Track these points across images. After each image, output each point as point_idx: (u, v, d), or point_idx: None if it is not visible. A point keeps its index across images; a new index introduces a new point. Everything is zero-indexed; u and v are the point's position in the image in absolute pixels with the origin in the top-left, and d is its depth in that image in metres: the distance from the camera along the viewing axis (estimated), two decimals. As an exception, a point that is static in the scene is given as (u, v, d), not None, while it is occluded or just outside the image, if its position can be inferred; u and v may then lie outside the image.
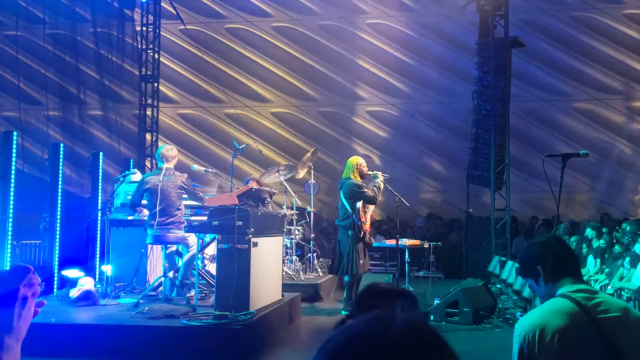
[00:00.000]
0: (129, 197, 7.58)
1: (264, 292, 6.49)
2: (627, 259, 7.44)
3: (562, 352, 2.11)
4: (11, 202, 6.70)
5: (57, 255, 7.52)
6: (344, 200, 7.75)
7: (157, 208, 6.63)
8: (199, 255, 7.14)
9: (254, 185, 7.97)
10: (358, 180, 7.78)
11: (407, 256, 8.66)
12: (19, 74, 15.45)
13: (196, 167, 8.56)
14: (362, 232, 7.60)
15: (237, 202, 6.47)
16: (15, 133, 6.91)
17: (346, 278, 7.76)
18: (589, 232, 9.16)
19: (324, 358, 0.87)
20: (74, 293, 6.64)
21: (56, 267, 7.51)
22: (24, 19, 15.79)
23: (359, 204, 7.63)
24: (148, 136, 14.94)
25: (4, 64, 16.66)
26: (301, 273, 9.63)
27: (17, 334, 1.40)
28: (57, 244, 7.52)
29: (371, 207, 7.97)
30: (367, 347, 0.85)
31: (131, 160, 10.23)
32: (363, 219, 7.64)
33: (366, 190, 7.66)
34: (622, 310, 2.24)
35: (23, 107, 15.33)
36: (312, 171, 10.40)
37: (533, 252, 2.44)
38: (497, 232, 12.25)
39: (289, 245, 9.68)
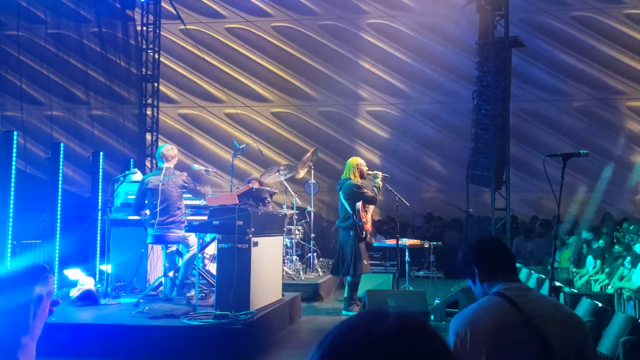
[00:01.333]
0: (130, 197, 7.59)
1: (264, 291, 6.49)
2: (628, 258, 7.44)
3: (495, 348, 2.14)
4: (11, 202, 6.70)
5: (57, 255, 7.52)
6: (343, 200, 7.74)
7: (158, 208, 6.63)
8: (199, 255, 7.14)
9: (255, 185, 7.97)
10: (358, 180, 7.77)
11: (407, 256, 8.67)
12: (21, 75, 15.45)
13: (196, 166, 8.56)
14: (364, 233, 7.59)
15: (238, 202, 6.47)
16: (15, 133, 6.91)
17: (348, 278, 7.75)
18: (585, 234, 9.16)
19: (325, 347, 0.93)
20: (74, 292, 6.64)
21: (56, 266, 7.51)
22: (24, 19, 15.78)
23: (359, 204, 7.62)
24: (148, 136, 14.94)
25: (5, 64, 16.65)
26: (301, 273, 9.63)
27: (32, 333, 1.39)
28: (57, 243, 7.52)
29: (371, 207, 7.96)
30: (363, 336, 0.92)
31: (131, 160, 10.23)
32: (364, 219, 7.63)
33: (366, 190, 7.65)
34: (553, 307, 2.30)
35: (24, 108, 15.33)
36: (312, 171, 10.40)
37: (470, 253, 2.51)
38: (497, 232, 12.24)
39: (289, 245, 9.69)
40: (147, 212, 6.99)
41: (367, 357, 0.90)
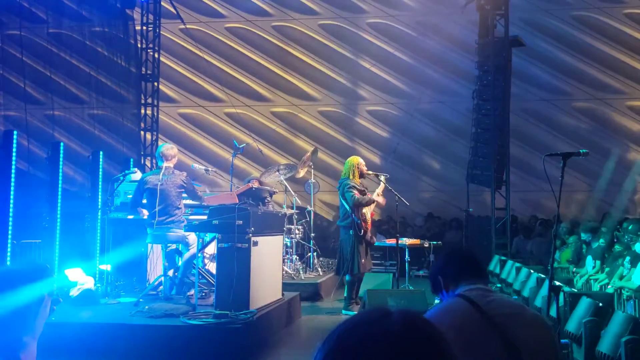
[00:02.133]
0: (129, 196, 7.58)
1: (264, 291, 6.49)
2: (628, 258, 7.43)
3: (458, 348, 2.15)
4: (11, 201, 6.69)
5: (57, 255, 7.52)
6: (341, 199, 7.73)
7: (157, 207, 6.63)
8: (199, 255, 7.13)
9: (255, 184, 7.96)
10: (357, 180, 7.74)
11: (407, 255, 8.67)
12: (24, 75, 15.44)
13: (196, 166, 8.56)
14: (363, 231, 7.56)
15: (237, 201, 6.47)
16: (15, 132, 6.90)
17: (347, 277, 7.74)
18: (583, 236, 9.16)
19: (331, 344, 0.95)
20: (74, 292, 6.64)
21: (56, 266, 7.51)
22: (25, 19, 15.77)
23: None
24: (148, 135, 14.93)
25: (5, 64, 16.65)
26: (301, 272, 9.63)
27: (33, 333, 1.40)
28: (57, 243, 7.52)
29: (371, 206, 7.93)
30: (368, 333, 0.94)
31: (131, 160, 10.22)
32: (363, 217, 7.60)
33: (355, 192, 7.54)
34: (517, 308, 2.31)
35: (24, 107, 15.33)
36: (312, 170, 10.40)
37: (435, 266, 2.59)
38: (497, 232, 12.25)
39: (289, 244, 9.69)
40: (144, 211, 6.99)
41: (373, 354, 0.91)
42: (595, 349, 4.60)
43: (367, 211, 7.78)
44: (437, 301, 7.74)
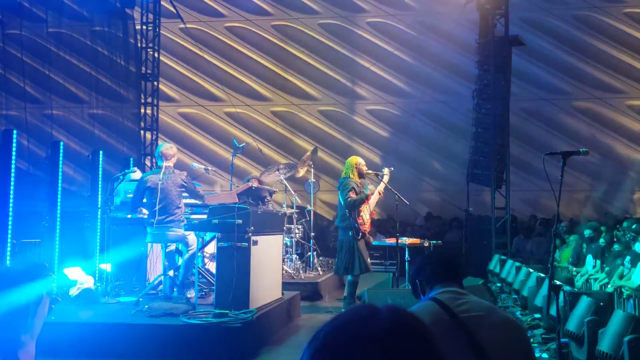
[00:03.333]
0: (129, 196, 7.57)
1: (263, 290, 6.49)
2: (628, 257, 7.43)
3: None
4: (11, 201, 6.69)
5: (57, 254, 7.52)
6: (340, 199, 7.69)
7: (157, 206, 6.62)
8: (199, 254, 7.13)
9: (254, 184, 7.95)
10: (356, 180, 7.69)
11: (407, 255, 8.65)
12: (24, 74, 15.44)
13: (196, 165, 8.55)
14: (360, 234, 7.50)
15: (237, 201, 6.46)
16: (15, 131, 6.90)
17: (349, 277, 7.72)
18: (586, 233, 9.15)
19: (318, 343, 0.95)
20: (73, 291, 6.63)
21: (56, 265, 7.50)
22: (25, 18, 15.76)
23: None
24: (148, 135, 14.93)
25: (5, 64, 16.64)
26: (301, 271, 9.63)
27: (32, 332, 1.39)
28: (57, 242, 7.52)
29: (370, 205, 7.88)
30: (355, 332, 0.93)
31: (131, 159, 10.21)
32: (360, 220, 7.52)
33: (351, 194, 7.47)
34: (486, 311, 2.32)
35: (23, 107, 15.32)
36: (312, 170, 10.39)
37: (414, 271, 2.64)
38: (497, 231, 12.25)
39: (289, 243, 9.68)
40: (145, 210, 6.98)
41: (360, 352, 0.90)
42: (596, 348, 4.59)
43: (367, 211, 7.71)
44: None
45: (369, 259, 7.76)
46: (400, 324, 0.94)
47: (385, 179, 7.69)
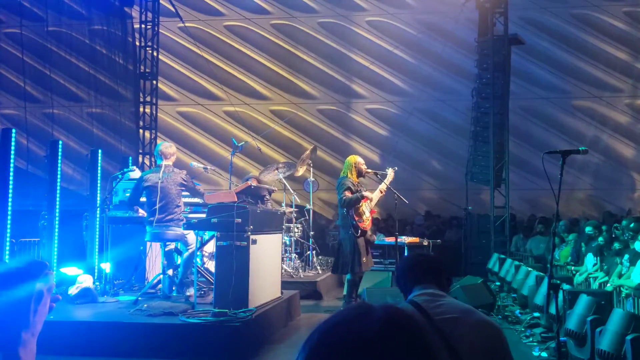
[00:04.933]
0: (128, 195, 7.56)
1: (263, 289, 6.48)
2: (626, 256, 7.43)
3: None
4: (10, 200, 6.69)
5: (55, 253, 7.52)
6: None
7: (157, 205, 6.62)
8: (198, 253, 7.13)
9: (254, 183, 7.94)
10: (354, 179, 7.69)
11: (406, 254, 8.65)
12: (24, 73, 15.42)
13: (195, 164, 8.55)
14: (359, 231, 7.50)
15: (236, 200, 6.45)
16: (14, 130, 6.89)
17: (348, 276, 7.72)
18: (589, 230, 9.15)
19: (312, 344, 0.94)
20: (72, 290, 6.63)
21: (55, 264, 7.50)
22: (24, 17, 15.74)
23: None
24: (147, 134, 14.92)
25: (5, 62, 16.62)
26: (300, 271, 9.63)
27: (32, 329, 1.39)
28: (56, 241, 7.52)
29: (371, 204, 7.87)
30: (349, 332, 0.92)
31: (130, 158, 10.21)
32: (357, 218, 7.52)
33: (346, 193, 7.46)
34: (461, 312, 2.34)
35: (22, 106, 15.31)
36: (311, 169, 10.38)
37: (397, 272, 2.69)
38: (496, 230, 12.26)
39: (288, 242, 9.68)
40: (140, 210, 6.98)
41: (355, 352, 0.89)
42: (595, 346, 4.59)
43: (367, 209, 7.71)
44: None
45: (368, 258, 7.74)
46: (394, 322, 0.93)
47: (389, 179, 7.67)
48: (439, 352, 0.95)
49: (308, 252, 10.21)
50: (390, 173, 7.69)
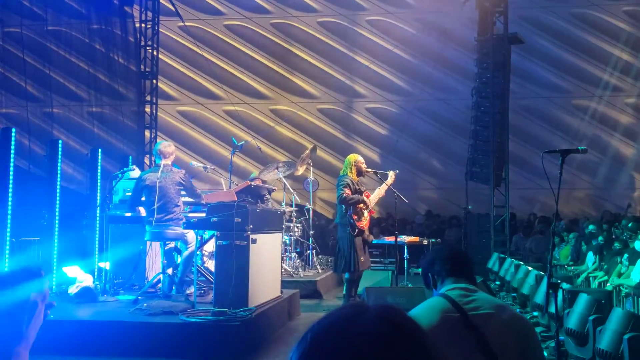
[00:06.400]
0: (128, 194, 7.56)
1: (262, 288, 6.48)
2: (626, 255, 7.44)
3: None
4: (10, 199, 6.69)
5: (55, 252, 7.52)
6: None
7: (156, 205, 6.61)
8: (198, 252, 7.12)
9: (258, 183, 7.93)
10: (353, 177, 7.68)
11: (406, 253, 8.66)
12: (25, 73, 15.41)
13: (195, 163, 8.55)
14: (357, 230, 7.50)
15: (236, 199, 6.45)
16: (13, 130, 6.89)
17: (346, 275, 7.72)
18: (590, 227, 9.16)
19: (306, 344, 0.93)
20: (72, 289, 6.63)
21: (55, 263, 7.51)
22: (25, 17, 15.74)
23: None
24: (147, 133, 14.92)
25: (5, 62, 16.62)
26: (300, 270, 9.63)
27: (25, 342, 1.36)
28: (56, 240, 7.52)
29: (370, 203, 7.86)
30: (343, 332, 0.92)
31: (130, 157, 10.21)
32: (355, 217, 7.51)
33: (346, 190, 7.46)
34: (494, 308, 2.32)
35: (23, 105, 15.31)
36: (311, 168, 10.39)
37: (425, 262, 2.62)
38: (496, 229, 12.26)
39: (288, 242, 9.67)
40: (142, 209, 6.97)
41: (348, 352, 0.89)
42: (594, 346, 4.59)
43: (365, 210, 7.70)
44: None
45: (366, 257, 7.73)
46: (388, 322, 0.92)
47: (389, 180, 7.67)
48: (434, 351, 0.94)
49: (308, 252, 10.21)
50: (391, 175, 7.69)
